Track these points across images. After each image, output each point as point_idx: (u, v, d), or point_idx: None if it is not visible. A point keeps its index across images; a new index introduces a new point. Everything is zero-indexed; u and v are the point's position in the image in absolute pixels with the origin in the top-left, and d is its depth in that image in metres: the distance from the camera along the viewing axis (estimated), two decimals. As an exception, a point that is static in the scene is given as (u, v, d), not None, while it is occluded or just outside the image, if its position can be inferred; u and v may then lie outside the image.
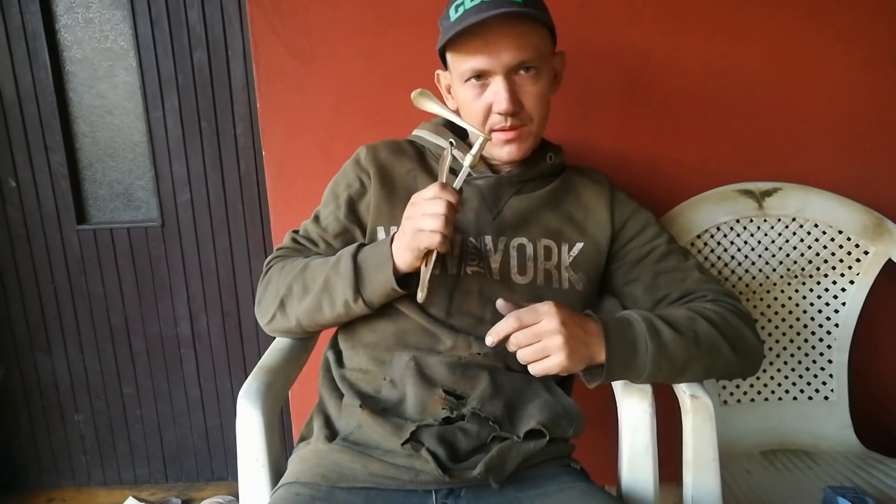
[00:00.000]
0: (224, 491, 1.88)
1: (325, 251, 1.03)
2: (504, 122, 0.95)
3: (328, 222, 1.05)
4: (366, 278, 0.91)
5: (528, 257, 0.99)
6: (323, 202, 1.09)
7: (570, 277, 1.00)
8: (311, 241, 1.06)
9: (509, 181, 1.02)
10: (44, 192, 1.72)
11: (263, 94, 1.40)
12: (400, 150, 1.07)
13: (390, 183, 1.03)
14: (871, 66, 1.36)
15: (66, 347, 1.82)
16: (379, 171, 1.03)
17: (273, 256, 1.07)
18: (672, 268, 1.03)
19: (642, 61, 1.37)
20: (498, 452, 0.86)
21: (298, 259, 1.01)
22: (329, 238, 1.04)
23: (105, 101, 1.69)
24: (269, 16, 1.36)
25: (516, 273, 0.98)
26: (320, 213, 1.07)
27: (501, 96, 0.93)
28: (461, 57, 0.94)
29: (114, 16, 1.63)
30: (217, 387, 1.86)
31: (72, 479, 1.92)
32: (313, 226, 1.06)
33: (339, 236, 1.04)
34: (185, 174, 1.71)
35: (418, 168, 1.05)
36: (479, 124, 0.96)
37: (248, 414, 0.94)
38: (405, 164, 1.05)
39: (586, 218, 1.04)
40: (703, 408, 0.94)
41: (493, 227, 1.00)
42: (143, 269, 1.77)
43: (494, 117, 0.95)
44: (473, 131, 0.94)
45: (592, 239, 1.03)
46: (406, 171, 1.04)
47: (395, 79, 1.37)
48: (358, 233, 1.03)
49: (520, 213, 1.02)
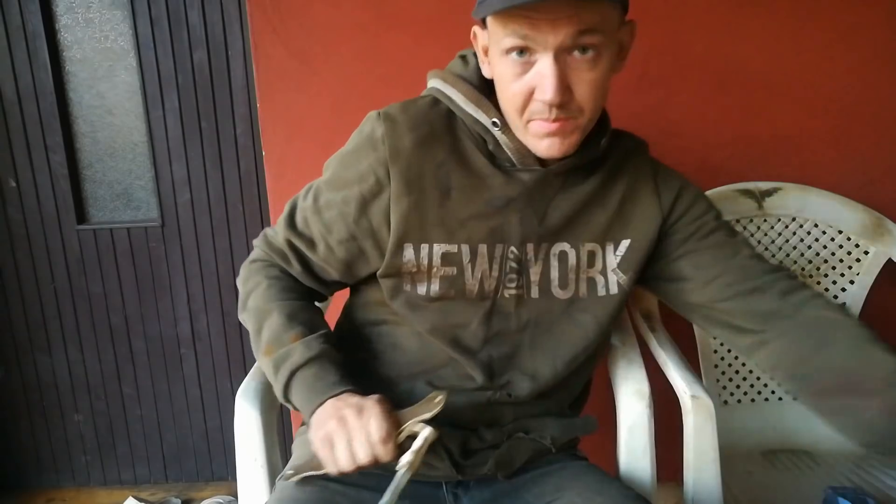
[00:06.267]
0: (224, 491, 1.88)
1: (324, 256, 0.87)
2: (547, 113, 0.74)
3: (333, 220, 0.85)
4: (293, 398, 0.82)
5: (571, 267, 0.86)
6: (328, 181, 0.87)
7: (619, 279, 0.88)
8: (309, 241, 0.87)
9: (556, 174, 0.83)
10: (44, 192, 1.72)
11: (263, 94, 1.40)
12: (427, 132, 0.82)
13: (418, 188, 0.81)
14: (871, 66, 1.36)
15: (66, 347, 1.82)
16: (403, 172, 0.80)
17: (258, 260, 0.91)
18: (721, 242, 0.87)
19: (642, 61, 1.37)
20: (507, 449, 0.87)
21: (266, 305, 0.86)
22: (332, 242, 0.86)
23: (105, 101, 1.69)
24: (269, 16, 1.36)
25: (557, 286, 0.87)
26: (323, 199, 0.86)
27: (548, 82, 0.72)
28: (503, 24, 0.72)
29: (114, 16, 1.63)
30: (217, 387, 1.86)
31: (72, 479, 1.92)
32: (315, 218, 0.86)
33: (344, 243, 0.85)
34: (185, 174, 1.71)
35: (450, 156, 0.82)
36: (515, 109, 0.77)
37: (246, 414, 0.94)
38: (435, 155, 0.81)
39: (633, 208, 0.88)
40: (704, 408, 0.94)
41: (538, 232, 0.84)
42: (143, 269, 1.77)
43: (536, 105, 0.75)
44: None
45: (641, 232, 0.87)
46: (437, 164, 0.81)
47: (395, 79, 1.37)
48: (369, 245, 0.85)
49: (566, 214, 0.85)
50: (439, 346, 0.85)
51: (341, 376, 0.80)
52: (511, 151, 0.81)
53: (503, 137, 0.81)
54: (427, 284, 0.84)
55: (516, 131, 0.80)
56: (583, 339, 0.87)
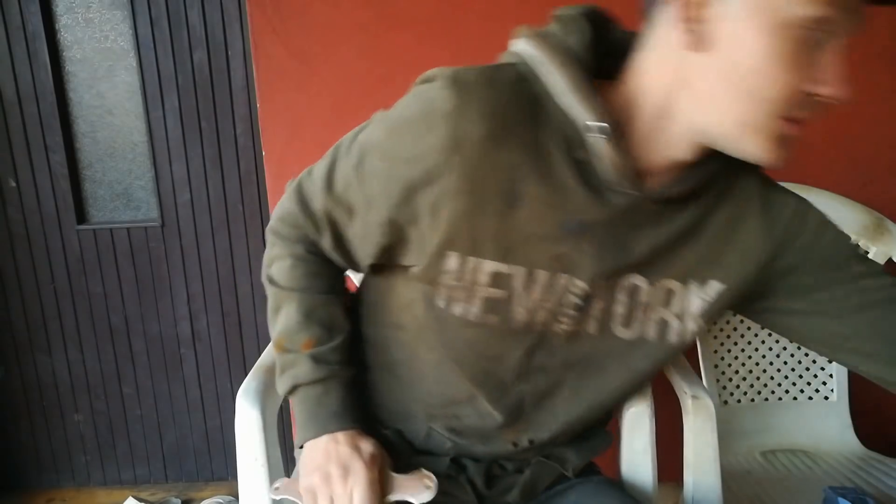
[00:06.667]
0: (224, 491, 1.88)
1: (361, 234, 0.73)
2: (809, 111, 0.59)
3: (375, 195, 0.68)
4: (293, 408, 0.79)
5: (640, 304, 0.71)
6: (377, 144, 0.67)
7: (697, 327, 0.73)
8: (348, 211, 0.73)
9: (655, 200, 0.66)
10: (44, 192, 1.72)
11: (263, 94, 1.40)
12: (504, 122, 0.62)
13: (480, 189, 0.64)
14: (872, 66, 1.36)
15: (66, 348, 1.82)
16: (466, 166, 0.62)
17: (286, 224, 0.80)
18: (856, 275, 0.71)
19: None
20: (530, 476, 0.83)
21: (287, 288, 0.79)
22: (371, 221, 0.70)
23: (105, 101, 1.69)
24: (269, 16, 1.36)
25: (620, 324, 0.72)
26: (368, 164, 0.68)
27: (841, 73, 0.56)
28: None
29: (114, 16, 1.63)
30: (217, 387, 1.86)
31: (72, 479, 1.92)
32: (357, 186, 0.70)
33: (384, 226, 0.69)
34: (185, 174, 1.71)
35: (527, 158, 0.63)
36: (769, 99, 0.57)
37: (247, 414, 0.94)
38: (509, 154, 0.63)
39: (733, 241, 0.71)
40: (704, 408, 0.94)
41: (613, 267, 0.69)
42: (143, 269, 1.77)
43: (806, 100, 0.58)
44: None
45: (740, 273, 0.71)
46: (508, 166, 0.63)
47: (395, 79, 1.37)
48: (413, 234, 0.69)
49: (652, 248, 0.69)
50: (463, 378, 0.75)
51: (344, 406, 0.76)
52: (612, 166, 0.63)
53: (607, 148, 0.61)
54: (466, 304, 0.70)
55: (740, 131, 0.59)
56: (632, 385, 0.77)
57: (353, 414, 0.76)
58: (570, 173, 0.64)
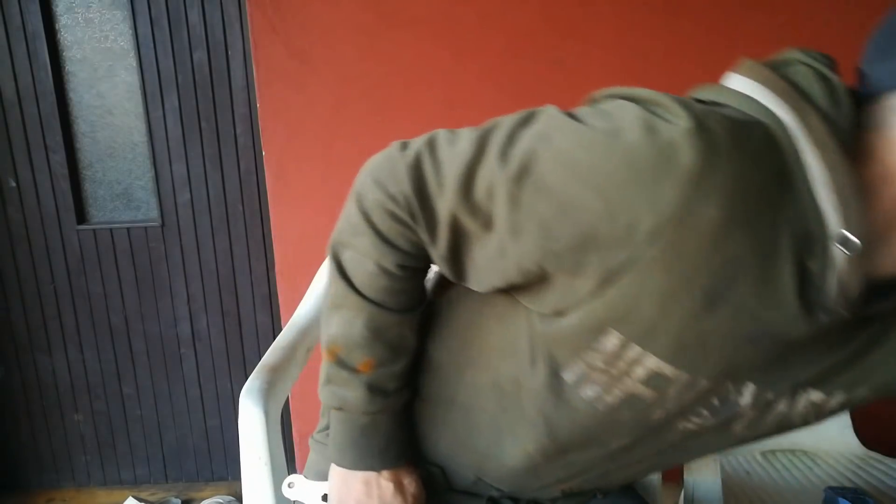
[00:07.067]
0: (224, 491, 1.88)
1: (491, 257, 0.57)
2: None
3: (528, 225, 0.53)
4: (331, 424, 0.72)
5: (796, 415, 0.60)
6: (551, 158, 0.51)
7: None
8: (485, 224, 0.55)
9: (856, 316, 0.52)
10: (44, 192, 1.72)
11: (263, 94, 1.40)
12: (745, 208, 0.47)
13: (682, 277, 0.49)
14: (871, 66, 1.37)
15: (66, 348, 1.82)
16: (681, 251, 0.48)
17: (384, 214, 0.59)
18: None
19: (642, 61, 1.37)
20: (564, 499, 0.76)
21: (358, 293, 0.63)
22: (512, 251, 0.55)
23: (105, 101, 1.69)
24: (269, 16, 1.36)
25: (745, 426, 0.62)
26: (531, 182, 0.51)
27: None
28: None
29: (114, 16, 1.63)
30: (217, 387, 1.86)
31: (72, 479, 1.92)
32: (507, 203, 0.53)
33: (525, 266, 0.55)
34: (185, 174, 1.71)
35: (751, 255, 0.48)
36: None
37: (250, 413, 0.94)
38: (736, 249, 0.48)
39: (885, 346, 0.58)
40: (704, 408, 0.94)
41: (790, 380, 0.57)
42: (143, 269, 1.77)
43: None
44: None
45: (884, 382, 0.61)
46: (726, 259, 0.48)
47: (395, 79, 1.37)
48: (562, 280, 0.54)
49: (835, 363, 0.57)
50: (537, 454, 0.64)
51: (391, 442, 0.68)
52: (842, 287, 0.49)
53: (848, 267, 0.48)
54: (603, 392, 0.58)
55: None
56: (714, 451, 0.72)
57: (398, 449, 0.69)
58: (792, 284, 0.49)
